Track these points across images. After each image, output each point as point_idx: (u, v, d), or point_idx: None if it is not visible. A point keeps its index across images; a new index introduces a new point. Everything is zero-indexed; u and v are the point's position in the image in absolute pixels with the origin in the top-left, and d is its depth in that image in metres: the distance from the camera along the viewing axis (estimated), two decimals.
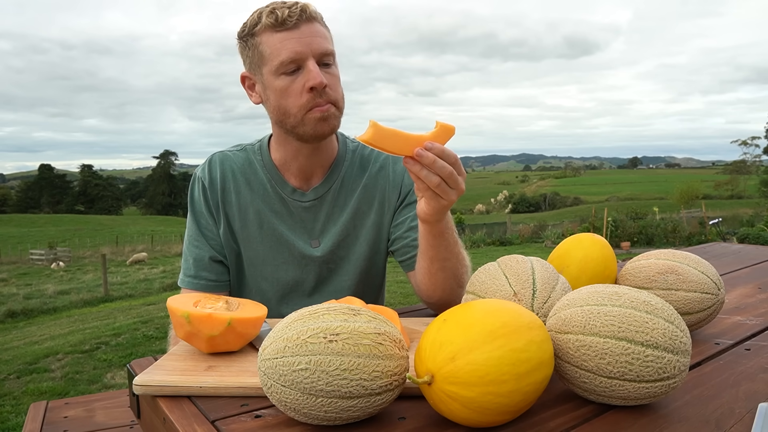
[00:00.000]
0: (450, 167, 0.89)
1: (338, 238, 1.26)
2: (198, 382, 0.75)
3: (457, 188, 0.93)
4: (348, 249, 1.27)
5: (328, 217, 1.26)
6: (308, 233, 1.26)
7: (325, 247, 1.25)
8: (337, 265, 1.27)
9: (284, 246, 1.24)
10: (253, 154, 1.27)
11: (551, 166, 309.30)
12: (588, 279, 1.00)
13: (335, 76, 1.14)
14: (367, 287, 1.32)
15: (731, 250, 1.88)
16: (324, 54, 1.11)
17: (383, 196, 1.28)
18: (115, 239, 35.55)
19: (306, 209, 1.25)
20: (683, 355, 0.66)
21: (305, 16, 1.09)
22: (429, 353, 0.63)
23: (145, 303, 10.29)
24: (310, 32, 1.09)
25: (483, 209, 75.42)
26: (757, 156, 73.63)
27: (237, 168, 1.25)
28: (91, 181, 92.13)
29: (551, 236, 17.89)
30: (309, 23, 1.10)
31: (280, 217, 1.25)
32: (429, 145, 0.87)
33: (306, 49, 1.09)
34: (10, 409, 4.08)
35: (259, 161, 1.26)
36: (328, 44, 1.13)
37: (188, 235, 1.27)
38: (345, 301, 0.97)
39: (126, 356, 5.42)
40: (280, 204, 1.25)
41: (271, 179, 1.25)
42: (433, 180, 0.89)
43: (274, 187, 1.24)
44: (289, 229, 1.25)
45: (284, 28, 1.08)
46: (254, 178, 1.25)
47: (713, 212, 25.44)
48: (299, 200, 1.25)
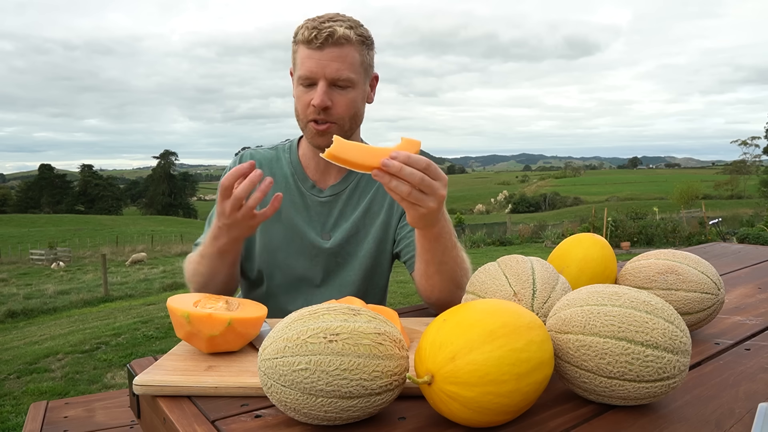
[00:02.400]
0: (420, 173, 0.87)
1: (348, 233, 1.34)
2: (198, 382, 0.75)
3: (434, 194, 0.90)
4: (356, 245, 1.35)
5: (341, 214, 1.35)
6: (321, 226, 1.34)
7: (335, 240, 1.33)
8: (345, 259, 1.34)
9: (297, 236, 1.33)
10: (283, 152, 1.39)
11: (551, 166, 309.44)
12: (588, 279, 1.00)
13: (347, 98, 1.22)
14: (371, 286, 1.37)
15: (731, 250, 1.89)
16: (337, 79, 1.19)
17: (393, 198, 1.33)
18: (115, 239, 35.57)
19: (321, 204, 1.34)
20: (683, 355, 0.66)
21: (332, 40, 1.17)
22: (429, 353, 0.63)
23: (145, 303, 10.29)
24: (331, 56, 1.18)
25: (483, 209, 75.42)
26: (757, 156, 73.66)
27: (265, 163, 1.37)
28: (91, 181, 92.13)
29: (551, 236, 17.89)
30: (336, 47, 1.18)
31: (297, 209, 1.34)
32: (394, 155, 0.86)
33: (320, 71, 1.18)
34: (10, 409, 4.08)
35: (287, 157, 1.38)
36: (346, 71, 1.19)
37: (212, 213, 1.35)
38: (345, 301, 0.97)
39: (126, 356, 5.42)
40: (299, 197, 1.34)
41: (294, 173, 1.36)
42: (403, 189, 0.88)
43: (296, 181, 1.35)
44: (303, 221, 1.34)
45: (311, 47, 1.18)
46: (279, 172, 1.36)
47: (713, 212, 25.45)
48: (317, 195, 1.35)
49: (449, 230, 1.08)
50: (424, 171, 0.88)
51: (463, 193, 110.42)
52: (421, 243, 1.08)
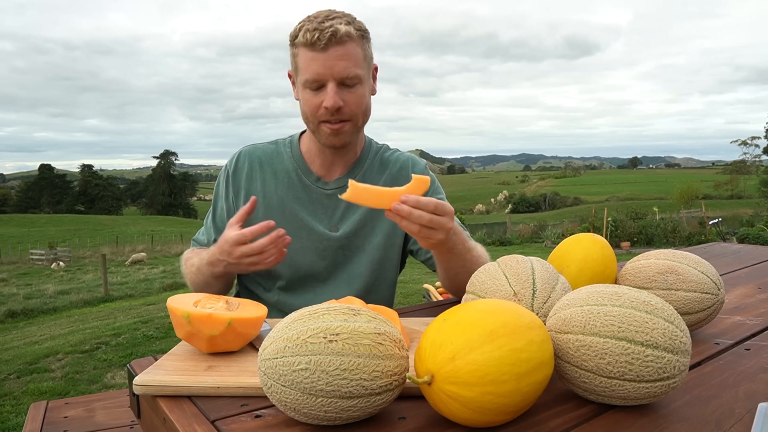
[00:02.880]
0: (428, 215, 0.94)
1: (356, 225, 1.33)
2: (198, 382, 0.75)
3: (441, 228, 0.98)
4: (365, 238, 1.34)
5: (348, 206, 1.33)
6: (328, 219, 1.33)
7: (344, 233, 1.32)
8: (353, 252, 1.34)
9: (304, 230, 1.31)
10: (284, 146, 1.37)
11: (551, 166, 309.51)
12: (588, 279, 1.00)
13: (357, 95, 1.21)
14: (380, 280, 1.36)
15: (731, 250, 1.89)
16: (346, 78, 1.18)
17: None
18: (115, 239, 35.56)
19: (328, 196, 1.33)
20: (683, 355, 0.66)
21: (335, 39, 1.15)
22: (429, 353, 0.63)
23: (145, 303, 10.29)
24: (336, 56, 1.16)
25: (483, 209, 75.42)
26: (756, 156, 73.66)
27: (265, 158, 1.35)
28: (91, 181, 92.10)
29: (551, 236, 17.88)
30: (339, 45, 1.16)
31: (301, 203, 1.33)
32: (404, 198, 0.93)
33: (328, 72, 1.16)
34: (10, 409, 4.08)
35: (288, 152, 1.35)
36: (353, 68, 1.18)
37: (209, 213, 1.40)
38: (345, 301, 0.97)
39: (126, 356, 5.42)
40: (303, 191, 1.33)
41: (297, 168, 1.34)
42: (413, 228, 0.95)
43: (299, 175, 1.33)
44: (309, 215, 1.32)
45: (314, 49, 1.16)
46: (280, 167, 1.34)
47: (713, 212, 25.44)
48: (322, 188, 1.33)
49: (461, 240, 1.14)
50: (432, 212, 0.95)
51: (463, 193, 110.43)
52: (437, 256, 1.17)
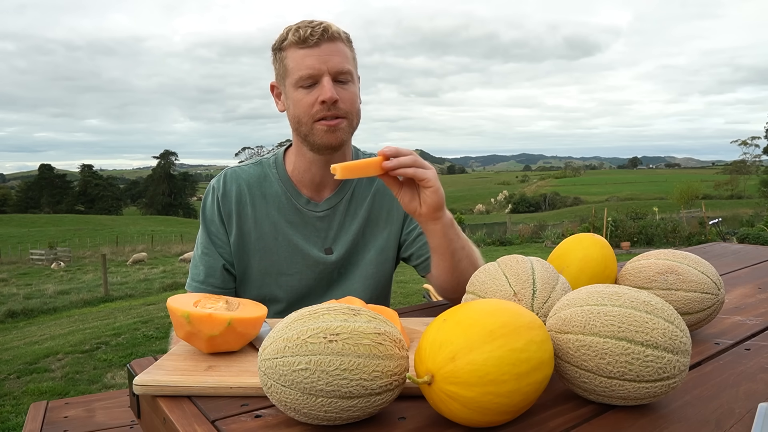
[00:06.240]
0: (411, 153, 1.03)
1: (350, 245, 1.32)
2: (198, 382, 0.75)
3: (429, 168, 1.05)
4: (359, 255, 1.33)
5: (341, 226, 1.32)
6: (322, 241, 1.31)
7: (338, 254, 1.31)
8: (348, 270, 1.33)
9: (299, 255, 1.30)
10: (269, 167, 1.33)
11: (551, 166, 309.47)
12: (588, 279, 1.00)
13: (350, 92, 1.20)
14: (375, 292, 1.36)
15: (731, 250, 1.88)
16: (340, 72, 1.17)
17: (391, 204, 1.34)
18: (115, 239, 35.56)
19: (320, 218, 1.31)
20: (683, 355, 0.66)
21: (327, 35, 1.17)
22: (429, 353, 0.63)
23: (145, 303, 10.29)
24: (329, 51, 1.17)
25: (483, 209, 75.40)
26: (756, 156, 73.65)
27: (252, 182, 1.31)
28: (92, 181, 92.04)
29: (551, 236, 17.89)
30: (330, 42, 1.17)
31: (294, 227, 1.30)
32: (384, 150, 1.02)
33: (323, 66, 1.16)
34: (10, 409, 4.08)
35: (274, 174, 1.32)
36: (346, 63, 1.19)
37: (199, 243, 1.33)
38: (345, 301, 0.97)
39: (126, 356, 5.42)
40: (295, 214, 1.30)
41: (287, 191, 1.30)
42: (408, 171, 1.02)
43: (289, 199, 1.30)
44: (303, 238, 1.30)
45: (306, 45, 1.16)
46: (269, 190, 1.31)
47: (713, 212, 25.44)
48: (313, 210, 1.30)
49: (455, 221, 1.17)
50: None
51: (463, 193, 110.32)
52: (439, 236, 1.12)
